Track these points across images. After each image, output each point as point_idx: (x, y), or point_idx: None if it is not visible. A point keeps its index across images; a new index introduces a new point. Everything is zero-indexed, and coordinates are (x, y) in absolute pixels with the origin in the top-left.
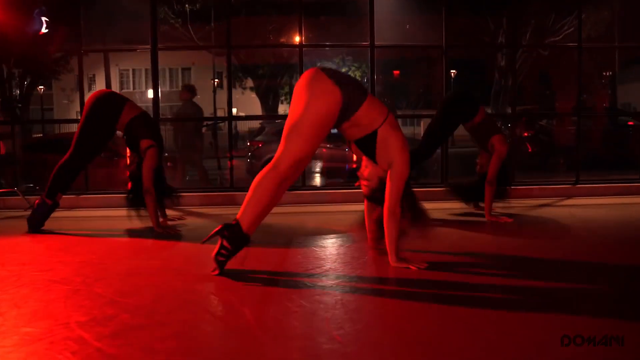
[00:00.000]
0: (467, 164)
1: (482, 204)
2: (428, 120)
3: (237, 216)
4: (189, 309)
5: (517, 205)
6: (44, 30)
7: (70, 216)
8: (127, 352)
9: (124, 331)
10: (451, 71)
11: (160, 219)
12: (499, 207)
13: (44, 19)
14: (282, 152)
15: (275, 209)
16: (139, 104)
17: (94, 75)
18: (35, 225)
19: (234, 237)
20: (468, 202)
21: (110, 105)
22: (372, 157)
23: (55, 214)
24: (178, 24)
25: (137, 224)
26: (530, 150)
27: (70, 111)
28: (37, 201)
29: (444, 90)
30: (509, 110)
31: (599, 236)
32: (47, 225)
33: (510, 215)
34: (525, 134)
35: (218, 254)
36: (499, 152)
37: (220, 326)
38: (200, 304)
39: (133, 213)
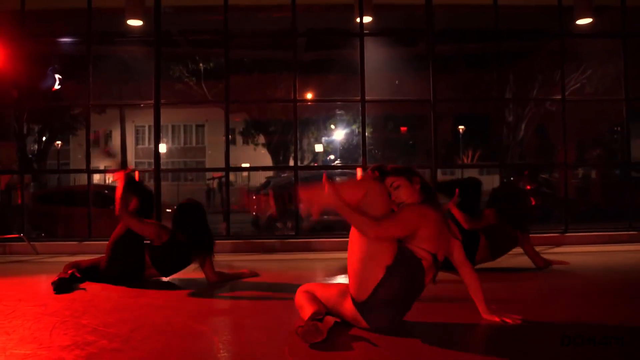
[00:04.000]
0: None
1: None
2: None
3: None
4: (161, 337)
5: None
6: (56, 86)
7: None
8: None
9: (100, 354)
10: (459, 127)
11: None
12: None
13: (57, 76)
14: None
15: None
16: (152, 160)
17: (110, 131)
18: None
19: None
20: None
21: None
22: None
23: (56, 259)
24: (192, 82)
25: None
26: (533, 203)
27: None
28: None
29: (433, 142)
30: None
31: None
32: (48, 268)
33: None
34: (528, 187)
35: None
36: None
37: (187, 350)
38: (173, 334)
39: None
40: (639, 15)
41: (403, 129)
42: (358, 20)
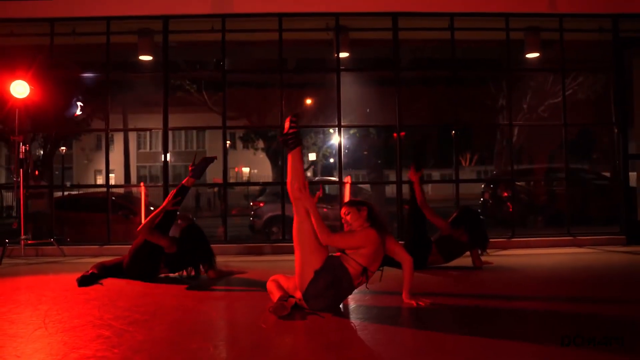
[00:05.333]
0: None
1: None
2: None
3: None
4: (177, 313)
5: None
6: (78, 112)
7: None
8: (137, 329)
9: (136, 322)
10: (452, 131)
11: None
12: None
13: (79, 104)
14: None
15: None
16: (153, 163)
17: (112, 135)
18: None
19: None
20: None
21: None
22: None
23: (81, 260)
24: (193, 89)
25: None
26: (511, 210)
27: (89, 170)
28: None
29: (398, 161)
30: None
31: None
32: (78, 267)
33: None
34: (505, 194)
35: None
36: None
37: (194, 320)
38: (185, 311)
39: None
40: (584, 49)
41: (402, 133)
42: (336, 55)
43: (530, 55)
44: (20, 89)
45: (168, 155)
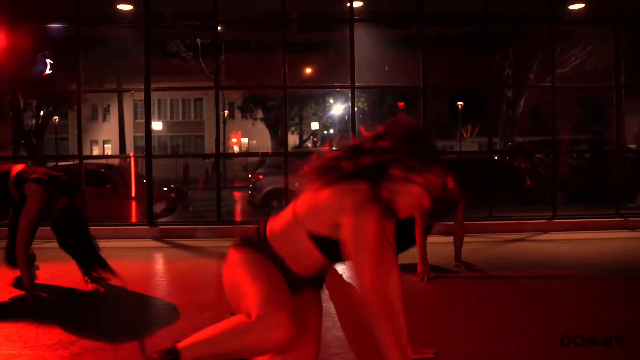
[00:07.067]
0: None
1: None
2: None
3: None
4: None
5: (493, 239)
6: (47, 71)
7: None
8: None
9: (82, 353)
10: (458, 103)
11: None
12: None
13: (48, 61)
14: None
15: None
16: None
17: (108, 105)
18: None
19: None
20: None
21: None
22: None
23: (46, 245)
24: (188, 56)
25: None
26: (528, 184)
27: (84, 140)
28: None
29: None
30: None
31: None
32: (41, 256)
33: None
34: (523, 166)
35: None
36: None
37: None
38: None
39: None
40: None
41: (400, 104)
42: (348, 4)
43: (574, 7)
44: None
45: (154, 122)
